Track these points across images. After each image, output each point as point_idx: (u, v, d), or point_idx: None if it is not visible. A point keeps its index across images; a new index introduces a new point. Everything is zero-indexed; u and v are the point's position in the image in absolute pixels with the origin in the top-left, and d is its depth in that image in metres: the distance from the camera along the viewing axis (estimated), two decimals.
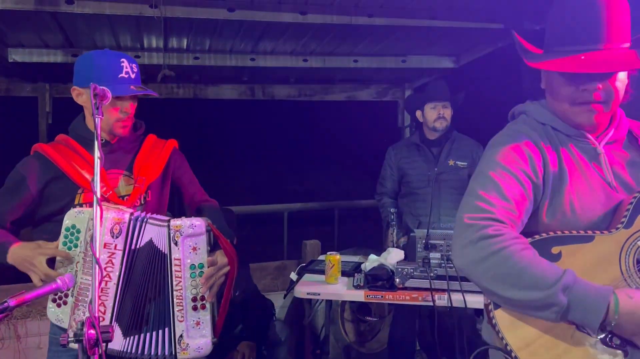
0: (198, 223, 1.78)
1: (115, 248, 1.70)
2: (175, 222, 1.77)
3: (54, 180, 1.87)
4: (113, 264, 1.70)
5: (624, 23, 1.33)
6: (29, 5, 2.84)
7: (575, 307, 1.21)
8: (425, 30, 3.65)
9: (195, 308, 1.77)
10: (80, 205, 1.83)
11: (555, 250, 1.32)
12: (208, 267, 1.79)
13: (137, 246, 1.75)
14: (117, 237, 1.70)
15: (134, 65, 1.90)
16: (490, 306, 1.37)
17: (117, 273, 1.71)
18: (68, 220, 1.73)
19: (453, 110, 3.45)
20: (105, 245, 1.69)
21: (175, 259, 1.76)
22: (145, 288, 1.76)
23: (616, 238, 1.33)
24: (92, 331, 1.22)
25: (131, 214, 1.74)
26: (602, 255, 1.32)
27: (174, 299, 1.75)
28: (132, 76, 1.87)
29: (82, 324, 1.22)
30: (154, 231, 1.77)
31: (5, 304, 1.24)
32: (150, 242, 1.77)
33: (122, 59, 1.86)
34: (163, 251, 1.77)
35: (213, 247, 1.85)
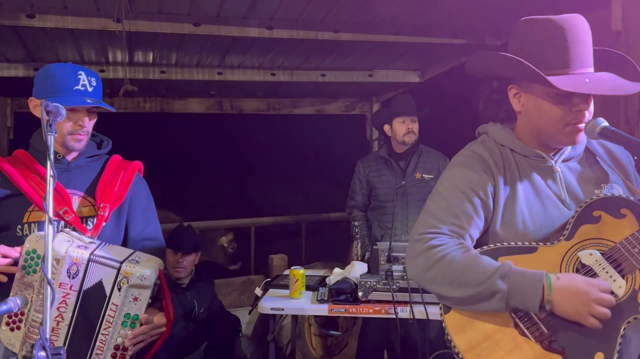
0: (148, 274, 1.72)
1: (70, 288, 1.63)
2: (127, 268, 1.71)
3: (8, 197, 1.79)
4: (67, 304, 1.63)
5: (590, 48, 1.41)
6: None
7: (515, 291, 1.31)
8: (391, 46, 3.71)
9: (114, 356, 1.72)
10: (29, 224, 1.77)
11: (501, 259, 1.40)
12: (142, 324, 1.74)
13: (89, 286, 1.68)
14: (73, 278, 1.62)
15: (93, 79, 1.83)
16: (441, 311, 1.46)
17: (70, 314, 1.64)
18: (29, 244, 1.65)
19: (419, 124, 3.52)
20: (60, 285, 1.61)
21: (113, 304, 1.71)
22: (86, 328, 1.70)
23: (557, 250, 1.41)
24: (43, 354, 1.19)
25: (91, 253, 1.66)
26: (544, 265, 1.39)
27: (97, 343, 1.71)
28: (90, 89, 1.80)
29: (32, 346, 1.19)
30: (103, 272, 1.70)
31: None
32: (100, 283, 1.70)
33: (80, 72, 1.81)
34: (105, 293, 1.71)
35: (155, 299, 1.80)
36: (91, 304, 1.70)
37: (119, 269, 1.70)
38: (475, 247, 1.45)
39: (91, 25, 2.98)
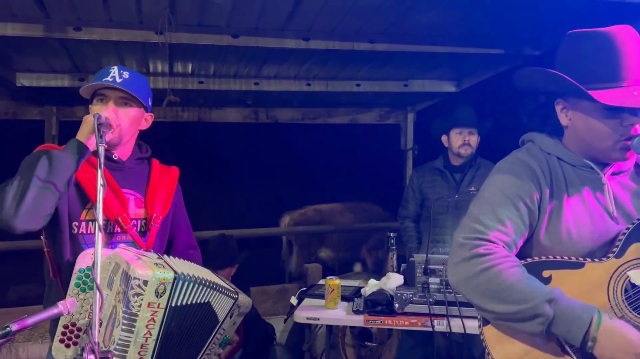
0: (250, 304, 1.92)
1: (158, 306, 1.63)
2: (242, 299, 1.86)
3: (72, 186, 1.79)
4: (154, 321, 1.64)
5: None
6: (38, 32, 2.91)
7: (560, 319, 1.25)
8: (427, 55, 3.70)
9: None
10: (86, 222, 1.80)
11: (546, 273, 1.37)
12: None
13: (186, 303, 1.70)
14: (160, 296, 1.62)
15: (125, 73, 1.85)
16: (479, 323, 1.42)
17: (157, 330, 1.65)
18: (82, 261, 1.67)
19: (480, 137, 3.45)
20: (149, 304, 1.60)
21: (222, 328, 1.84)
22: (186, 343, 1.76)
23: (606, 267, 1.36)
24: (92, 357, 1.24)
25: (175, 272, 1.67)
26: (591, 282, 1.35)
27: None
28: (118, 80, 1.82)
29: (82, 350, 1.23)
30: (216, 297, 1.78)
31: (8, 329, 1.25)
32: (208, 305, 1.76)
33: (113, 67, 1.85)
34: (218, 318, 1.81)
35: None
36: (200, 324, 1.77)
37: (236, 300, 1.84)
38: (518, 256, 1.41)
39: (134, 37, 3.08)
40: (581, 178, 1.45)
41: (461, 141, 3.36)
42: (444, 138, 3.48)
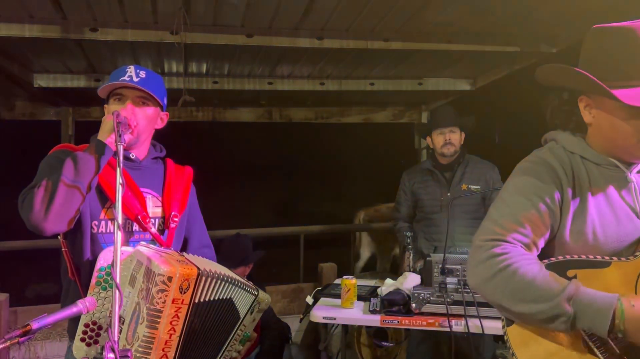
0: (269, 301, 1.92)
1: (182, 302, 1.61)
2: (262, 296, 1.87)
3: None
4: (178, 317, 1.61)
5: None
6: (55, 34, 2.94)
7: (582, 315, 1.23)
8: (442, 54, 3.68)
9: None
10: (105, 221, 1.80)
11: (570, 273, 1.33)
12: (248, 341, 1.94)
13: (208, 299, 1.69)
14: (184, 292, 1.60)
15: (142, 72, 1.84)
16: (503, 323, 1.40)
17: (181, 326, 1.63)
18: (103, 259, 1.67)
19: (465, 134, 3.44)
20: (173, 301, 1.57)
21: (243, 324, 1.84)
22: (208, 340, 1.76)
23: (633, 266, 1.33)
24: (111, 355, 1.24)
25: (198, 269, 1.65)
26: (618, 281, 1.32)
27: (222, 357, 1.85)
28: (135, 79, 1.81)
29: (103, 348, 1.23)
30: (238, 294, 1.78)
31: (28, 327, 1.25)
32: (230, 301, 1.76)
33: (130, 67, 1.85)
34: (239, 314, 1.81)
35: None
36: (222, 320, 1.77)
37: (257, 296, 1.84)
38: (541, 256, 1.38)
39: (149, 38, 3.09)
40: (605, 177, 1.42)
41: (443, 141, 3.37)
42: (428, 140, 3.51)
